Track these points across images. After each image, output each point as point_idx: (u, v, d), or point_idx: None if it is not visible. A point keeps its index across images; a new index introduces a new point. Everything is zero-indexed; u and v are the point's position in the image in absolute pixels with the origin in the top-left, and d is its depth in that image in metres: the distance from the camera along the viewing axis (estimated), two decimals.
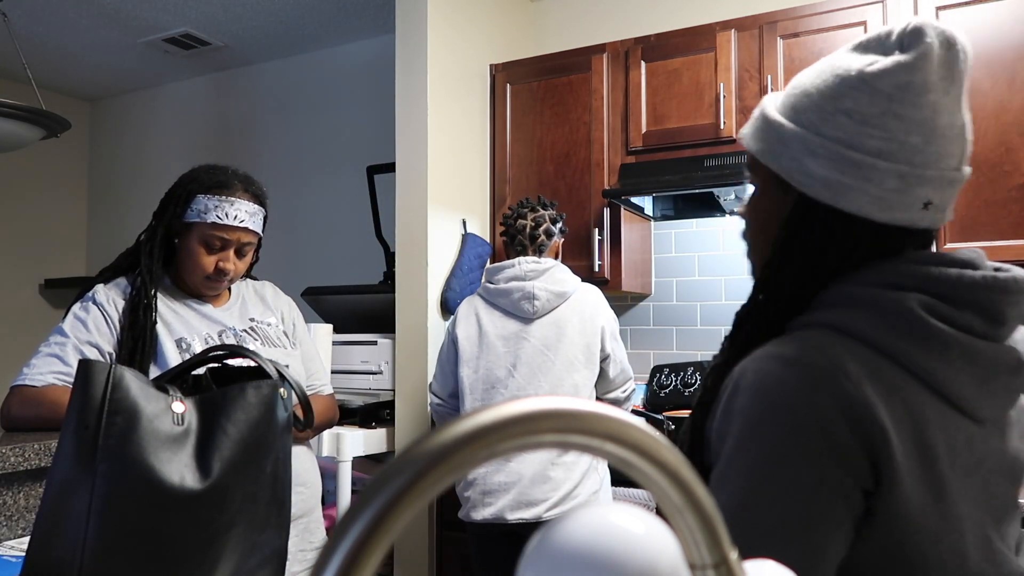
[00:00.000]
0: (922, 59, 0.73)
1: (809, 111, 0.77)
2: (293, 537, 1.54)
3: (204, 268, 1.59)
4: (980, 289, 0.73)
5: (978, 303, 0.73)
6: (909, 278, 0.74)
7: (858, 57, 0.77)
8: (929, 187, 0.74)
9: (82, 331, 1.53)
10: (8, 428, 1.50)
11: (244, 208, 1.60)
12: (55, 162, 4.49)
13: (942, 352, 0.72)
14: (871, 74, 0.74)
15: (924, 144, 0.73)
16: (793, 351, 0.72)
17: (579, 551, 0.37)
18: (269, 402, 1.01)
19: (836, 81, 0.76)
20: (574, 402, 0.34)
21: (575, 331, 2.11)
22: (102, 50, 3.88)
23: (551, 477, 2.00)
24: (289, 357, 1.66)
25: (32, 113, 2.53)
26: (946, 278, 0.74)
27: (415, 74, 2.63)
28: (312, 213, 3.88)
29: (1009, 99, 2.13)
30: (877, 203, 0.74)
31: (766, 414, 0.71)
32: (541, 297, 2.12)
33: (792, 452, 0.69)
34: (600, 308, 2.16)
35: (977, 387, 0.74)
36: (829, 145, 0.75)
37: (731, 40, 2.48)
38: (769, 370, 0.72)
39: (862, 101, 0.74)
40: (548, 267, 2.17)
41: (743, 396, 0.73)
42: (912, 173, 0.74)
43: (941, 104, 0.74)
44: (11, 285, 4.29)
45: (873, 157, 0.74)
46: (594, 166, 2.69)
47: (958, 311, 0.73)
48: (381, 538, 0.30)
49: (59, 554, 0.86)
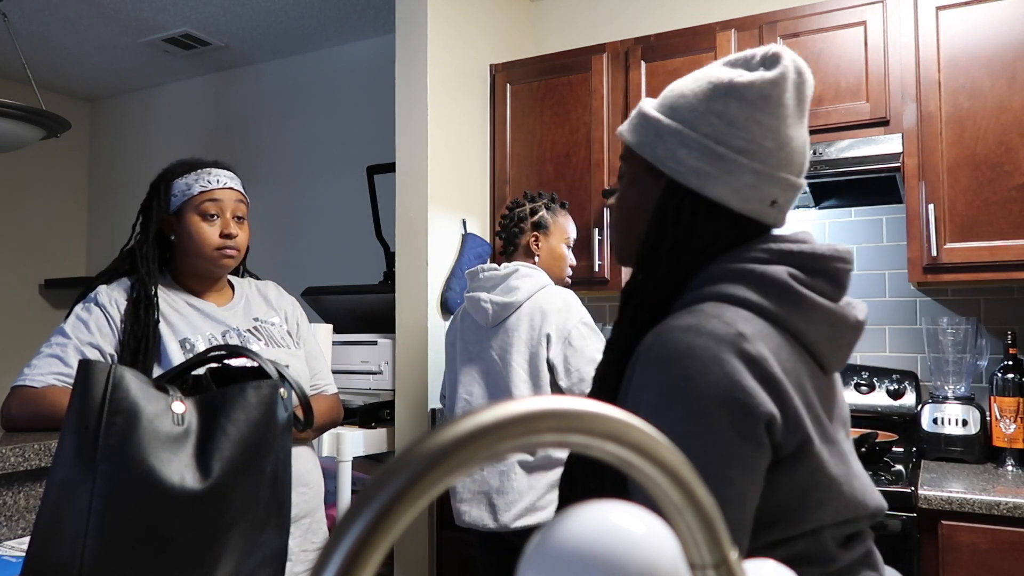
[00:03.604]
0: (781, 78, 0.87)
1: (684, 110, 0.90)
2: (296, 537, 1.54)
3: (210, 241, 1.61)
4: (828, 259, 0.88)
5: (826, 271, 0.88)
6: (773, 254, 0.87)
7: (728, 70, 0.90)
8: (777, 187, 0.88)
9: (84, 332, 1.53)
10: (8, 428, 1.50)
11: (223, 173, 1.67)
12: (55, 162, 4.49)
13: (809, 314, 0.86)
14: (740, 84, 0.87)
15: (776, 149, 0.87)
16: (694, 320, 0.82)
17: (579, 551, 0.37)
18: (269, 402, 1.01)
19: (709, 87, 0.89)
20: (575, 401, 0.34)
21: (522, 341, 2.05)
22: (102, 50, 3.88)
23: (512, 488, 2.00)
24: (292, 357, 1.66)
25: (32, 113, 2.53)
26: (802, 252, 0.87)
27: (415, 74, 2.63)
28: (312, 213, 3.88)
29: (1009, 99, 2.13)
30: (736, 194, 0.87)
31: (680, 377, 0.79)
32: (488, 309, 2.10)
33: (709, 408, 0.77)
34: (551, 315, 2.03)
35: (831, 343, 0.88)
36: (700, 139, 0.88)
37: (731, 40, 2.48)
38: (677, 339, 0.80)
39: (731, 105, 0.87)
40: (507, 273, 2.11)
41: (654, 366, 0.81)
42: (765, 171, 0.87)
43: (792, 119, 0.88)
44: (11, 285, 4.29)
45: (735, 153, 0.87)
46: (594, 166, 2.69)
47: (812, 279, 0.87)
48: (381, 538, 0.30)
49: (59, 554, 0.86)
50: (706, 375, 0.77)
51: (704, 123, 0.88)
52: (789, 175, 0.89)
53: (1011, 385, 2.16)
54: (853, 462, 0.89)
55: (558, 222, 2.23)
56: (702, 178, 0.87)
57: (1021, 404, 2.15)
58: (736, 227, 0.89)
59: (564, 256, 2.23)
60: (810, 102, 0.91)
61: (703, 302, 0.86)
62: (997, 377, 2.19)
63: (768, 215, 0.90)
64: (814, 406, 0.83)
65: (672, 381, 0.79)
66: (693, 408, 0.77)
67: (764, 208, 0.89)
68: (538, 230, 2.20)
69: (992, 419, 2.18)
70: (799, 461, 0.81)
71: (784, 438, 0.79)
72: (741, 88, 0.87)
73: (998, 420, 2.16)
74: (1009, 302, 2.41)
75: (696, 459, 0.74)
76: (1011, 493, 1.83)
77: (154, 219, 1.63)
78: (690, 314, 0.83)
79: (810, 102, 0.91)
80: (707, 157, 0.87)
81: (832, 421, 0.87)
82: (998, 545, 1.79)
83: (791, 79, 0.87)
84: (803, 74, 0.89)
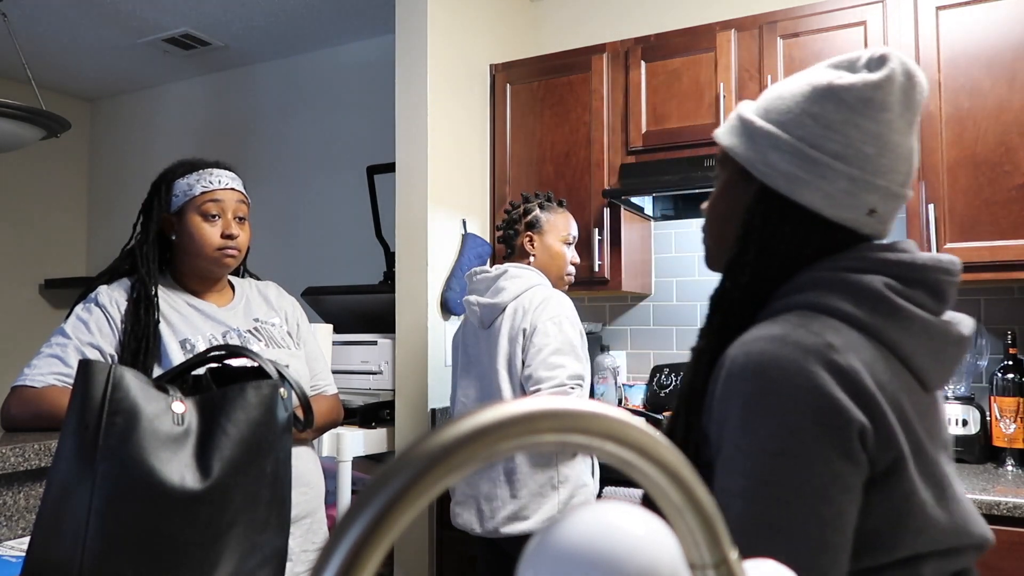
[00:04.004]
0: (885, 81, 0.83)
1: (779, 112, 0.86)
2: (296, 537, 1.54)
3: (211, 241, 1.61)
4: (928, 270, 0.83)
5: (927, 282, 0.83)
6: (869, 262, 0.83)
7: (830, 72, 0.86)
8: (875, 195, 0.83)
9: (84, 332, 1.53)
10: (8, 428, 1.50)
11: (224, 174, 1.67)
12: (55, 162, 4.49)
13: (906, 326, 0.81)
14: (839, 86, 0.83)
15: (876, 155, 0.83)
16: (780, 330, 0.78)
17: (579, 551, 0.37)
18: (269, 402, 1.01)
19: (808, 88, 0.85)
20: (575, 402, 0.34)
21: (505, 341, 2.03)
22: (102, 50, 3.88)
23: (497, 495, 1.99)
24: (293, 357, 1.66)
25: (32, 113, 2.53)
26: (899, 261, 0.83)
27: (415, 74, 2.63)
28: (312, 213, 3.88)
29: (1009, 99, 2.13)
30: (828, 200, 0.83)
31: (767, 391, 0.75)
32: (477, 312, 2.11)
33: (798, 423, 0.73)
34: (529, 312, 1.99)
35: (932, 358, 0.82)
36: (793, 142, 0.84)
37: (731, 40, 2.48)
38: (761, 350, 0.77)
39: (828, 108, 0.83)
40: (497, 275, 2.10)
41: (738, 379, 0.77)
42: (862, 178, 0.83)
43: (895, 125, 0.83)
44: (11, 285, 4.29)
45: (830, 158, 0.83)
46: (594, 166, 2.69)
47: (911, 290, 0.82)
48: (381, 538, 0.30)
49: (59, 554, 0.86)
50: (792, 387, 0.74)
51: (798, 126, 0.84)
52: (891, 184, 0.84)
53: (1011, 385, 2.16)
54: (956, 487, 0.82)
55: (552, 220, 2.19)
56: (792, 183, 0.84)
57: (1021, 404, 2.15)
58: (828, 236, 0.85)
59: (561, 254, 2.19)
60: (920, 108, 0.86)
61: (790, 311, 0.82)
62: (997, 377, 2.19)
63: (865, 225, 0.85)
64: (911, 424, 0.78)
65: (757, 394, 0.76)
66: (782, 422, 0.74)
67: (860, 217, 0.84)
68: (532, 229, 2.18)
69: (992, 419, 2.18)
70: (893, 481, 0.76)
71: (877, 453, 0.75)
72: (840, 90, 0.83)
73: (998, 420, 2.16)
74: (1009, 302, 2.41)
75: (793, 478, 0.72)
76: (1011, 493, 1.83)
77: (155, 219, 1.63)
78: (775, 323, 0.80)
79: (920, 108, 0.86)
80: (798, 161, 0.83)
81: (933, 441, 0.81)
82: (998, 545, 1.78)
83: (898, 83, 0.83)
84: (913, 78, 0.84)
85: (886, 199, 0.84)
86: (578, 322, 2.03)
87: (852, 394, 0.74)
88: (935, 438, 0.82)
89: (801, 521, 0.71)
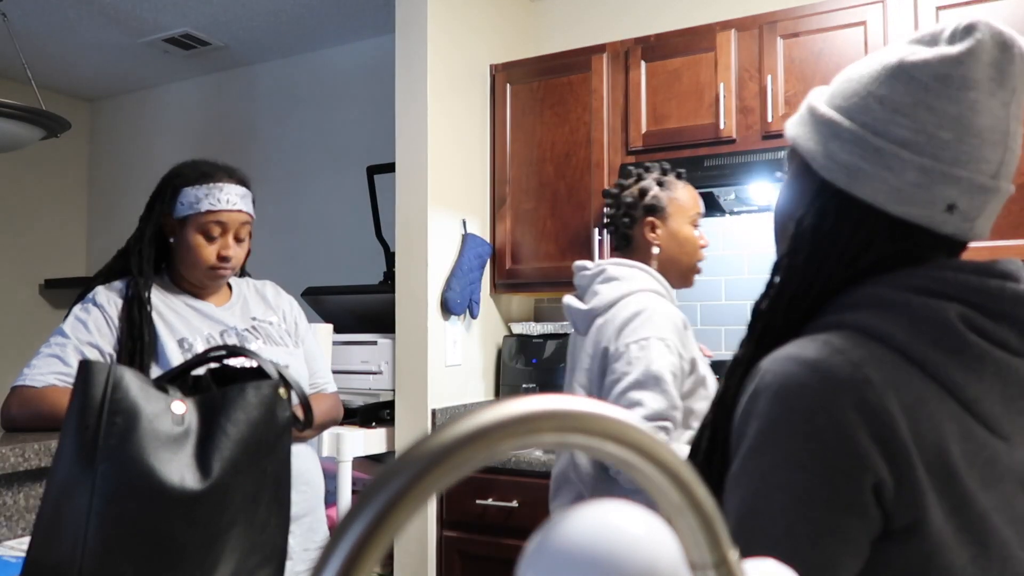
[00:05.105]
0: (968, 54, 0.71)
1: (845, 96, 0.76)
2: (297, 536, 1.54)
3: (206, 259, 1.60)
4: (1021, 303, 0.70)
5: (1017, 318, 0.70)
6: (947, 285, 0.71)
7: (904, 47, 0.75)
8: (955, 188, 0.71)
9: (83, 332, 1.53)
10: (8, 428, 1.50)
11: (234, 191, 1.61)
12: (55, 162, 4.49)
13: (975, 367, 0.69)
14: (911, 63, 0.72)
15: (955, 141, 0.70)
16: (815, 353, 0.69)
17: (579, 551, 0.37)
18: (269, 402, 1.01)
19: (878, 68, 0.74)
20: (574, 401, 0.34)
21: (587, 356, 1.72)
22: (102, 50, 3.88)
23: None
24: (291, 356, 1.66)
25: (32, 113, 2.53)
26: (987, 289, 0.71)
27: (415, 74, 2.63)
28: (312, 213, 3.88)
29: None
30: (894, 194, 0.72)
31: (783, 419, 0.69)
32: (571, 316, 1.78)
33: (807, 461, 0.67)
34: (614, 332, 1.64)
35: (1005, 405, 0.70)
36: (855, 130, 0.74)
37: (731, 40, 2.48)
38: (789, 372, 0.69)
39: (897, 89, 0.72)
40: (593, 275, 1.75)
41: (762, 398, 0.71)
42: (936, 168, 0.71)
43: (983, 104, 0.70)
44: (11, 285, 4.29)
45: (897, 146, 0.71)
46: (594, 166, 2.69)
47: (995, 324, 0.70)
48: (381, 538, 0.30)
49: (59, 554, 0.86)
50: (810, 424, 0.67)
51: (862, 110, 0.73)
52: (976, 174, 0.71)
53: None
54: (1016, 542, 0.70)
55: (676, 198, 1.77)
56: (853, 176, 0.73)
57: None
58: (896, 237, 0.73)
59: (691, 238, 1.77)
60: (1022, 84, 0.72)
61: (836, 330, 0.72)
62: None
63: (943, 223, 0.72)
64: (955, 477, 0.67)
65: (774, 420, 0.69)
66: (790, 456, 0.68)
67: (937, 214, 0.72)
68: (653, 214, 1.75)
69: None
70: (914, 540, 0.67)
71: (896, 508, 0.66)
72: (911, 68, 0.72)
73: None
74: None
75: (788, 514, 0.67)
76: None
77: (154, 219, 1.62)
78: (814, 342, 0.71)
79: (1022, 84, 0.72)
80: (860, 150, 0.73)
81: (991, 489, 0.69)
82: None
83: (987, 56, 0.70)
84: (1010, 49, 0.71)
85: (971, 193, 0.72)
86: (675, 340, 1.63)
87: (879, 441, 0.66)
88: (993, 488, 0.69)
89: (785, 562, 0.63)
